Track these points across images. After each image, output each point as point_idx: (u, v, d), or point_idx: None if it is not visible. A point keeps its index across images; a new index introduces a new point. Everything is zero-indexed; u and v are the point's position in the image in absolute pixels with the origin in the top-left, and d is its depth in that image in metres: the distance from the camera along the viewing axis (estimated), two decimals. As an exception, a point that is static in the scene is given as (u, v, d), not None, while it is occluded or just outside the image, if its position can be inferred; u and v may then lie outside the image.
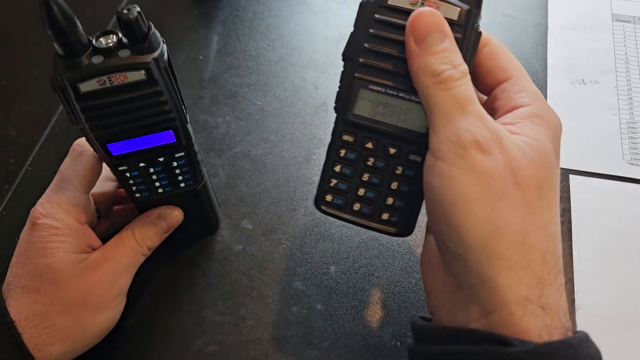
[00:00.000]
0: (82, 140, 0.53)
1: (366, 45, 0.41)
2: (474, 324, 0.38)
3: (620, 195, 0.63)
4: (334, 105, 0.44)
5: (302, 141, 0.70)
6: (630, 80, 0.73)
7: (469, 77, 0.39)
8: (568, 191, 0.64)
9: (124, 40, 0.40)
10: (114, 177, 0.55)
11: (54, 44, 0.38)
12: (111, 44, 0.39)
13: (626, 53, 0.75)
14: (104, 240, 0.53)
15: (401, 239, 0.60)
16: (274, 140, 0.70)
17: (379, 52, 0.41)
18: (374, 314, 0.57)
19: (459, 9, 0.39)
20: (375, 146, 0.44)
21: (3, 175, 0.68)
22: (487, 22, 0.81)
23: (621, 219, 0.61)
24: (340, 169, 0.45)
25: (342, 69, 0.43)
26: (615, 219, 0.61)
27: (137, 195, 0.52)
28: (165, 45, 0.41)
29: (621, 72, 0.74)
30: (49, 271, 0.48)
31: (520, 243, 0.36)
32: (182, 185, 0.52)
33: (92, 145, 0.46)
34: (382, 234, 0.47)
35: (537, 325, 0.36)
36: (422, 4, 0.39)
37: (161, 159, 0.48)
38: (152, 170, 0.49)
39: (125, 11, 0.38)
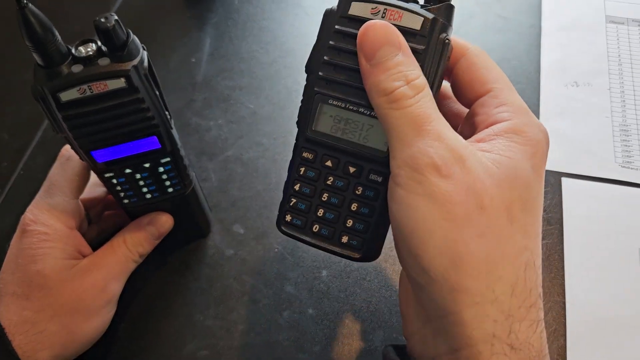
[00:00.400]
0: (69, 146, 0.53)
1: (326, 57, 0.39)
2: (443, 359, 0.36)
3: (612, 198, 0.63)
4: (297, 120, 0.42)
5: (295, 144, 0.69)
6: (623, 82, 0.72)
7: (426, 91, 0.36)
8: (560, 194, 0.63)
9: (104, 48, 0.40)
10: None
11: (33, 54, 0.38)
12: (91, 53, 0.39)
13: (619, 55, 0.75)
14: (95, 246, 0.53)
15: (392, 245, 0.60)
16: (266, 144, 0.70)
17: (338, 65, 0.39)
18: (365, 318, 0.56)
19: (422, 18, 0.37)
20: (335, 164, 0.42)
21: (-5, 179, 0.69)
22: (481, 25, 0.81)
23: (613, 222, 0.61)
24: (300, 187, 0.43)
25: (305, 83, 0.41)
26: (607, 221, 0.61)
27: (125, 201, 0.52)
28: (145, 52, 0.41)
29: (614, 75, 0.73)
30: (38, 277, 0.48)
31: (485, 274, 0.33)
32: (170, 190, 0.52)
33: (77, 153, 0.46)
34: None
35: None
36: (384, 14, 0.37)
37: (147, 165, 0.48)
38: (138, 176, 0.49)
39: (102, 19, 0.38)
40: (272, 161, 0.68)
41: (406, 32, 0.37)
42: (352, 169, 0.41)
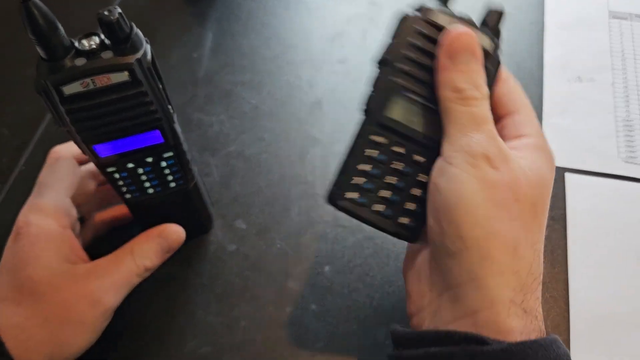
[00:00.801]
0: (58, 148, 0.54)
1: (404, 51, 0.43)
2: (457, 323, 0.40)
3: (616, 193, 0.63)
4: (364, 107, 0.45)
5: (297, 140, 0.69)
6: (626, 78, 0.72)
7: (488, 100, 0.42)
8: (564, 189, 0.63)
9: (107, 42, 0.39)
10: (93, 174, 0.56)
11: (37, 47, 0.38)
12: (94, 46, 0.39)
13: (623, 50, 0.75)
14: (89, 249, 0.53)
15: (395, 240, 0.60)
16: (268, 139, 0.70)
17: (416, 61, 0.43)
18: (368, 314, 0.56)
19: (493, 44, 0.44)
20: (405, 151, 0.45)
21: (-4, 175, 0.68)
22: (483, 19, 0.80)
23: (616, 217, 0.61)
24: (366, 168, 0.46)
25: (376, 74, 0.44)
26: (611, 217, 0.61)
27: (128, 196, 0.52)
28: (149, 46, 0.41)
29: (617, 70, 0.73)
30: (29, 283, 0.46)
31: (512, 251, 0.39)
32: (173, 185, 0.52)
33: (79, 147, 0.45)
34: (383, 234, 0.48)
35: (518, 326, 0.38)
36: None
37: (149, 160, 0.48)
38: (141, 171, 0.49)
39: (106, 13, 0.38)
40: (274, 156, 0.68)
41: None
42: (418, 158, 0.45)
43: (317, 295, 0.58)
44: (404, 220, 0.47)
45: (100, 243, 0.57)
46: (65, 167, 0.52)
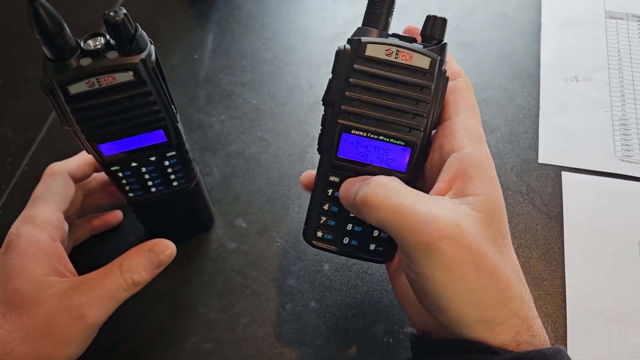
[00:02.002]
0: (54, 164, 0.54)
1: (347, 93, 0.43)
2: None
3: (612, 191, 0.63)
4: (317, 146, 0.46)
5: (297, 140, 0.70)
6: (622, 77, 0.73)
7: (389, 182, 0.42)
8: (560, 188, 0.64)
9: (112, 42, 0.40)
10: (81, 184, 0.57)
11: (43, 47, 0.39)
12: (99, 46, 0.40)
13: (619, 50, 0.76)
14: (70, 255, 0.53)
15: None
16: (268, 139, 0.70)
17: (359, 100, 0.43)
18: (367, 310, 0.57)
19: (430, 59, 0.42)
20: None
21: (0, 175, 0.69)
22: (481, 21, 0.81)
23: (613, 215, 0.62)
24: (329, 207, 0.48)
25: (323, 112, 0.45)
26: (607, 215, 0.62)
27: (131, 194, 0.52)
28: (153, 46, 0.42)
29: (614, 69, 0.74)
30: (16, 295, 0.46)
31: (502, 301, 0.39)
32: (175, 184, 0.53)
33: (84, 146, 0.46)
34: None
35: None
36: (397, 55, 0.42)
37: (153, 159, 0.49)
38: (144, 169, 0.50)
39: (111, 14, 0.39)
40: (274, 156, 0.69)
41: (417, 70, 0.43)
42: None
43: (316, 293, 0.58)
44: (372, 246, 0.49)
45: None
46: (60, 182, 0.53)
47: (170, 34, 0.82)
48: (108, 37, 0.40)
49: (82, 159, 0.56)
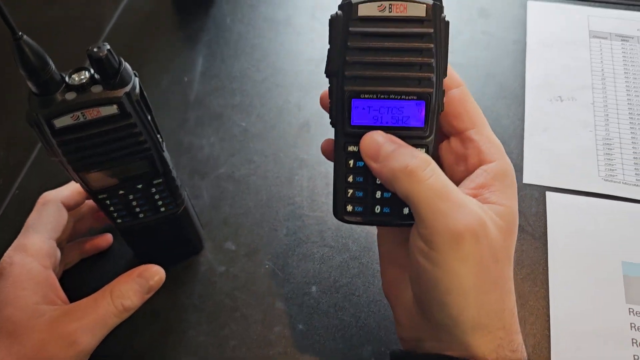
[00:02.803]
0: (46, 193, 0.55)
1: (348, 58, 0.42)
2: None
3: (596, 211, 0.64)
4: (330, 120, 0.45)
5: (285, 162, 0.71)
6: (606, 96, 0.74)
7: (433, 163, 0.41)
8: (544, 208, 0.65)
9: (96, 76, 0.41)
10: (71, 208, 0.57)
11: (28, 82, 0.39)
12: (84, 80, 0.40)
13: (602, 70, 0.77)
14: (60, 279, 0.54)
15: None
16: (257, 161, 0.71)
17: (362, 62, 0.42)
18: (354, 332, 0.57)
19: (425, 5, 0.41)
20: None
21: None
22: (466, 40, 0.82)
23: (596, 235, 0.62)
24: (353, 178, 0.46)
25: (329, 85, 0.44)
26: (591, 234, 0.62)
27: (119, 221, 0.53)
28: (137, 79, 0.43)
29: (597, 89, 0.75)
30: (8, 324, 0.47)
31: (499, 311, 0.41)
32: (163, 209, 0.53)
33: (71, 176, 0.47)
34: (369, 254, 0.52)
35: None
36: (390, 9, 0.41)
37: (139, 186, 0.49)
38: (131, 197, 0.50)
39: (95, 49, 0.39)
40: (263, 178, 0.69)
41: (414, 20, 0.41)
42: None
43: (304, 315, 0.59)
44: (407, 210, 0.46)
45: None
46: (52, 211, 0.54)
47: (160, 57, 0.83)
48: (92, 71, 0.41)
49: (75, 187, 0.57)
